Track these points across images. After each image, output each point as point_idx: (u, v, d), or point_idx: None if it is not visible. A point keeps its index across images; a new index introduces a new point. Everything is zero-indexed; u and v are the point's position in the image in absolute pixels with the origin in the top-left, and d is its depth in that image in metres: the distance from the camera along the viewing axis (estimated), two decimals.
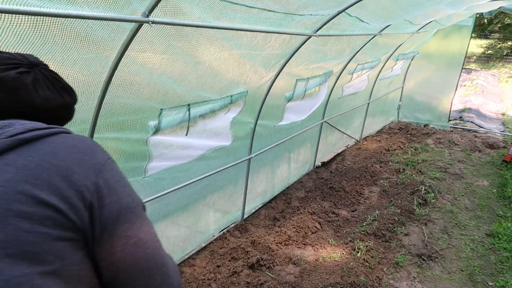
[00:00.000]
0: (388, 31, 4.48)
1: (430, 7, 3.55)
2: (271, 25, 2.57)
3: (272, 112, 3.75)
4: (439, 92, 7.82)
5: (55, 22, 1.41)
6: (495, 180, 5.25)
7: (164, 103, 2.28)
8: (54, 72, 0.92)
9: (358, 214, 4.24)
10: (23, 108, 0.84)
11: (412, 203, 4.39)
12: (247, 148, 3.70)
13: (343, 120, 6.09)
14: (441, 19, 5.37)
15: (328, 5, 2.68)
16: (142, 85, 2.10)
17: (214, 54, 2.42)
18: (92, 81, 1.82)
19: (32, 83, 0.84)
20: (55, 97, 0.88)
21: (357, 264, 3.27)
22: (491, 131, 7.68)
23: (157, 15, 1.71)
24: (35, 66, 0.87)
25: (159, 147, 2.39)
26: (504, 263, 3.40)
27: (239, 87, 2.94)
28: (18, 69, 0.84)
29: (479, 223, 4.13)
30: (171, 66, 2.20)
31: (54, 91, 0.89)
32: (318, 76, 4.12)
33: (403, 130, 7.62)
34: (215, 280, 3.06)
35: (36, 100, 0.85)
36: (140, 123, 2.22)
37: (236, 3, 2.02)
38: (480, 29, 20.17)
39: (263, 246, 3.47)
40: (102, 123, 1.99)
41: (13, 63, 0.84)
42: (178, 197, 3.04)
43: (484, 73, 15.40)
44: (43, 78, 0.87)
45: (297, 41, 3.17)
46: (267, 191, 4.54)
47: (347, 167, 5.71)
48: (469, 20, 6.94)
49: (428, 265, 3.37)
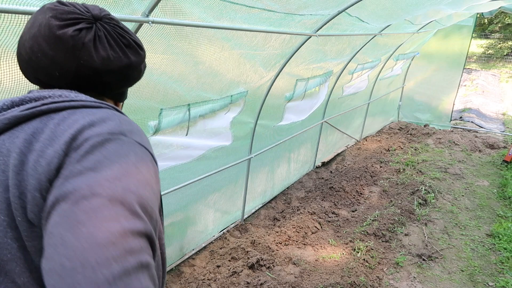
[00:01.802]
0: (388, 31, 4.48)
1: (430, 7, 3.55)
2: (271, 25, 2.57)
3: (272, 112, 3.75)
4: (440, 92, 7.81)
5: None
6: (495, 180, 5.25)
7: (164, 103, 2.28)
8: (119, 25, 0.80)
9: (358, 214, 4.24)
10: (83, 70, 0.74)
11: (412, 203, 4.39)
12: (247, 148, 3.70)
13: (343, 120, 6.09)
14: (442, 19, 5.38)
15: (328, 5, 2.68)
16: (142, 85, 2.10)
17: (214, 54, 2.42)
18: None
19: (93, 41, 0.74)
20: (117, 56, 0.77)
21: (357, 264, 3.27)
22: (492, 131, 7.68)
23: (157, 15, 1.71)
24: (98, 20, 0.76)
25: (159, 147, 2.39)
26: (505, 263, 3.39)
27: (239, 87, 2.94)
28: (78, 25, 0.73)
29: (479, 223, 4.13)
30: (171, 66, 2.20)
31: (116, 49, 0.77)
32: (318, 76, 4.12)
33: (403, 130, 7.62)
34: (215, 280, 3.05)
35: (96, 61, 0.74)
36: (140, 123, 2.22)
37: (236, 3, 2.02)
38: (480, 29, 20.17)
39: (263, 246, 3.47)
40: None
41: (73, 17, 0.73)
42: (178, 197, 3.04)
43: (484, 73, 15.39)
44: (105, 35, 0.76)
45: (297, 41, 3.17)
46: (267, 191, 4.54)
47: (347, 167, 5.71)
48: (470, 20, 6.94)
49: (428, 265, 3.37)
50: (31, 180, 0.59)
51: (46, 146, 0.61)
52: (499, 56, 19.19)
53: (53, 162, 0.59)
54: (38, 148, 0.61)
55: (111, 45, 0.76)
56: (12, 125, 0.65)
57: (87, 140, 0.61)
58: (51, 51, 0.72)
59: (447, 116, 7.93)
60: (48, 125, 0.64)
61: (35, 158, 0.60)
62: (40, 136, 0.63)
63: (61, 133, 0.62)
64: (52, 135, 0.62)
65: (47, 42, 0.72)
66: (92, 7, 0.78)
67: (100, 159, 0.59)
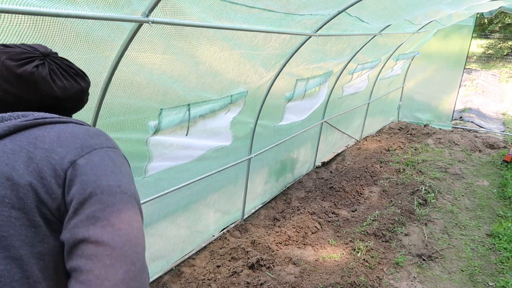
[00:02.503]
0: (388, 31, 4.48)
1: (430, 7, 3.55)
2: (271, 25, 2.57)
3: (272, 112, 3.75)
4: (440, 92, 7.80)
5: (55, 22, 1.41)
6: (495, 180, 5.25)
7: (164, 103, 2.27)
8: (65, 58, 0.92)
9: (358, 214, 4.24)
10: (46, 100, 0.84)
11: (412, 203, 4.39)
12: (247, 148, 3.70)
13: (343, 120, 6.09)
14: (442, 19, 5.37)
15: (328, 5, 2.68)
16: (142, 85, 2.10)
17: (214, 54, 2.42)
18: (92, 81, 1.81)
19: (49, 74, 0.84)
20: (71, 84, 0.88)
21: (357, 264, 3.26)
22: (492, 131, 7.67)
23: (157, 15, 1.71)
24: (47, 56, 0.86)
25: (159, 147, 2.39)
26: (505, 263, 3.39)
27: (239, 87, 2.94)
28: (33, 62, 0.82)
29: (479, 223, 4.12)
30: (171, 66, 2.20)
31: (69, 79, 0.89)
32: (318, 76, 4.12)
33: (403, 130, 7.62)
34: (215, 280, 3.05)
35: (56, 91, 0.85)
36: (140, 123, 2.22)
37: (236, 3, 2.02)
38: (480, 29, 20.16)
39: (263, 246, 3.47)
40: (102, 123, 1.99)
41: (27, 56, 0.82)
42: (178, 197, 3.03)
43: (484, 73, 15.39)
44: (57, 68, 0.87)
45: (297, 41, 3.17)
46: (267, 191, 4.53)
47: (347, 167, 5.71)
48: (470, 20, 6.93)
49: (428, 265, 3.37)
50: (46, 169, 0.70)
51: (55, 147, 0.73)
52: (499, 56, 19.18)
53: (66, 158, 0.72)
54: (47, 148, 0.73)
55: (64, 76, 0.88)
56: (11, 132, 0.74)
57: (95, 150, 0.77)
58: (14, 89, 0.81)
59: (448, 116, 7.92)
60: (50, 132, 0.76)
61: (46, 154, 0.72)
62: (44, 139, 0.74)
63: (69, 142, 0.76)
64: (59, 140, 0.75)
65: (8, 82, 0.80)
66: (37, 46, 0.87)
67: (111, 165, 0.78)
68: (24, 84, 0.81)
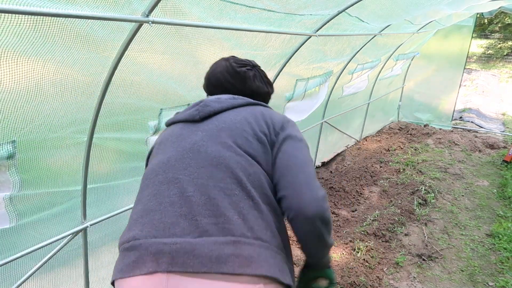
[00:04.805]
0: (388, 31, 4.48)
1: (430, 7, 3.55)
2: (271, 25, 2.57)
3: None
4: (440, 92, 7.79)
5: (55, 22, 1.41)
6: (495, 180, 5.25)
7: (164, 103, 2.28)
8: (263, 71, 1.47)
9: (358, 214, 4.24)
10: (247, 91, 1.38)
11: (412, 203, 4.39)
12: None
13: (343, 120, 6.09)
14: (441, 19, 5.37)
15: (328, 5, 2.68)
16: (142, 85, 2.10)
17: (214, 54, 2.42)
18: (92, 81, 1.82)
19: (253, 76, 1.40)
20: (263, 86, 1.43)
21: (357, 264, 3.27)
22: (491, 131, 7.68)
23: (157, 15, 1.71)
24: (255, 67, 1.44)
25: None
26: (505, 263, 3.39)
27: None
28: (246, 67, 1.40)
29: (479, 223, 4.13)
30: (171, 66, 2.20)
31: (263, 83, 1.44)
32: (318, 76, 4.12)
33: (403, 130, 7.62)
34: None
35: (253, 87, 1.40)
36: (140, 123, 2.22)
37: (236, 3, 2.02)
38: (480, 29, 20.14)
39: None
40: (102, 123, 1.99)
41: (244, 63, 1.41)
42: None
43: (484, 73, 15.38)
44: (258, 74, 1.43)
45: (297, 41, 3.17)
46: None
47: (347, 167, 5.71)
48: (470, 20, 6.93)
49: (428, 265, 3.37)
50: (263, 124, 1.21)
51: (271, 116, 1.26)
52: (499, 56, 19.17)
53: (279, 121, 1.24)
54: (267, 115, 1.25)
55: (261, 80, 1.43)
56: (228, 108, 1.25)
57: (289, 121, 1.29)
58: (232, 79, 1.38)
59: (448, 116, 7.91)
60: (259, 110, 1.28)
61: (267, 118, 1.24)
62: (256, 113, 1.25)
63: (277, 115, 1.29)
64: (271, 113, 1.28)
65: (230, 75, 1.38)
66: (250, 61, 1.45)
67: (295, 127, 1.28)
68: (238, 78, 1.37)
